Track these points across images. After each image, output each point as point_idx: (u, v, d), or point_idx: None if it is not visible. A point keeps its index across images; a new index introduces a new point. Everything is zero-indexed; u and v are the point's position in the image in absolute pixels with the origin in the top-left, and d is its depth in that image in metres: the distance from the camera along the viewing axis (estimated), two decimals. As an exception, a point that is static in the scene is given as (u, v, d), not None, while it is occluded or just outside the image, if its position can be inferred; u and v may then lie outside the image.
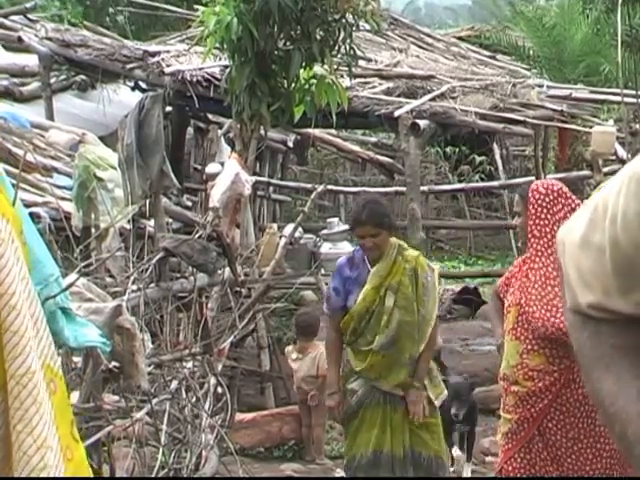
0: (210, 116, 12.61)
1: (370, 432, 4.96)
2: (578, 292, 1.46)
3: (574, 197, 4.31)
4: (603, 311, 1.42)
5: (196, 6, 9.27)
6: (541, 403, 4.15)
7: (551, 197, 4.21)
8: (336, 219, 10.62)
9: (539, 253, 4.20)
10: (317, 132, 12.64)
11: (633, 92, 9.08)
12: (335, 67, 8.85)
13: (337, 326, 5.02)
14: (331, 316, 5.09)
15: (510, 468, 4.25)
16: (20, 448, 1.67)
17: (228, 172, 8.31)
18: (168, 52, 10.98)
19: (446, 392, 5.19)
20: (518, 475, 4.24)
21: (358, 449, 5.03)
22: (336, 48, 8.65)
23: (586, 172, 10.47)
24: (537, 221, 4.20)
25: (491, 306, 4.75)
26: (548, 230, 4.17)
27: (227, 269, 5.94)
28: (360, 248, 5.04)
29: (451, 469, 6.25)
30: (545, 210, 4.20)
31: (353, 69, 9.01)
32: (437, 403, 5.02)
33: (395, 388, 4.96)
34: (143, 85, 10.93)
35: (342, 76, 9.11)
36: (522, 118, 10.16)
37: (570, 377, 4.10)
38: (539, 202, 4.21)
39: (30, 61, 11.75)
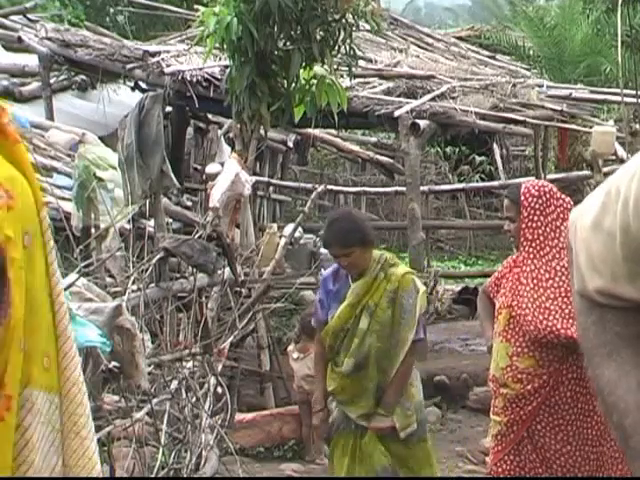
0: (210, 116, 12.61)
1: (342, 460, 4.70)
2: (587, 276, 1.45)
3: (565, 197, 4.25)
4: (610, 297, 1.42)
5: (196, 6, 9.29)
6: (530, 405, 4.13)
7: (544, 199, 4.15)
8: (336, 219, 10.59)
9: (531, 256, 4.15)
10: (317, 132, 12.63)
11: (633, 92, 9.08)
12: (335, 67, 8.86)
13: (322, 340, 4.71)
14: (317, 329, 4.77)
15: (500, 470, 4.24)
16: None
17: (228, 172, 8.32)
18: (168, 52, 10.99)
19: (415, 426, 4.64)
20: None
21: (333, 472, 4.82)
22: (336, 48, 8.66)
23: (586, 172, 10.48)
24: (530, 224, 4.14)
25: (480, 307, 4.62)
26: (540, 232, 4.13)
27: (227, 269, 5.95)
28: None
29: None
30: (538, 212, 4.14)
31: (353, 69, 9.02)
32: (402, 435, 4.58)
33: (360, 418, 4.63)
34: (143, 85, 10.93)
35: (342, 76, 9.11)
36: (522, 118, 10.16)
37: (559, 379, 4.09)
38: (532, 205, 4.14)
39: (30, 61, 11.76)
